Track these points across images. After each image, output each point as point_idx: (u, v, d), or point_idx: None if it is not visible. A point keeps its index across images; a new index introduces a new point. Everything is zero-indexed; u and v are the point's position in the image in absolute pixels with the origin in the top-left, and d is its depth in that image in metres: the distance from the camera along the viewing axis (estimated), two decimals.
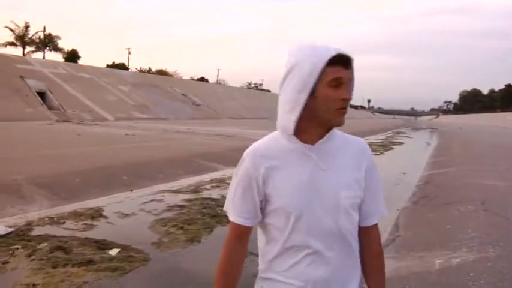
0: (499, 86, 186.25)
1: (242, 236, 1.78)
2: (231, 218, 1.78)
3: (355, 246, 1.79)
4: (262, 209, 1.75)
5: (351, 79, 1.68)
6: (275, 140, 1.75)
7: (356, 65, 1.67)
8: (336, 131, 1.77)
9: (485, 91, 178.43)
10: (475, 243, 6.31)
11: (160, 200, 9.23)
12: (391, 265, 5.85)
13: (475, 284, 4.86)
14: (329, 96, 1.64)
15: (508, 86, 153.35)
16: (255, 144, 1.77)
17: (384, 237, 7.26)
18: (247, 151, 1.76)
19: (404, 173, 15.32)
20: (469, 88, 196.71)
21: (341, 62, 1.63)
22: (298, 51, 1.67)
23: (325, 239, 1.69)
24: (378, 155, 22.55)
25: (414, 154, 24.29)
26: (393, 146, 29.12)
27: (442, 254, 5.97)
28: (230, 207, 1.78)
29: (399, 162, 19.34)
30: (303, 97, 1.63)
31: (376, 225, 1.86)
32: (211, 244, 6.55)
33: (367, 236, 1.83)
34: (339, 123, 1.69)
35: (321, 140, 1.70)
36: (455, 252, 6.00)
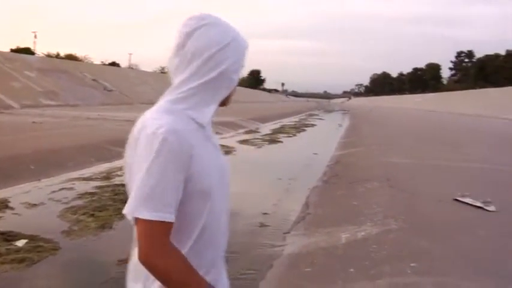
0: (407, 69, 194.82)
1: (169, 235, 1.45)
2: (155, 218, 1.39)
3: None
4: None
5: None
6: (179, 117, 1.49)
7: (270, 49, 1.63)
8: None
9: (394, 74, 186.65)
10: (379, 218, 6.64)
11: (71, 188, 8.99)
12: (300, 242, 6.08)
13: (377, 254, 5.15)
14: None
15: (415, 69, 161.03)
16: (168, 122, 1.45)
17: (294, 215, 7.52)
18: (166, 129, 1.41)
19: (316, 154, 15.75)
20: (379, 71, 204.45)
21: None
22: (228, 27, 1.55)
23: (226, 220, 1.65)
24: (290, 137, 23.04)
25: (326, 135, 25.05)
26: (306, 128, 29.86)
27: (348, 229, 6.25)
28: (149, 204, 1.39)
29: (311, 144, 19.87)
30: (236, 79, 1.56)
31: None
32: (123, 230, 6.48)
33: None
34: (226, 106, 1.67)
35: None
36: (360, 226, 6.30)
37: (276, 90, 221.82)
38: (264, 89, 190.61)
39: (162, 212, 1.38)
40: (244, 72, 1.66)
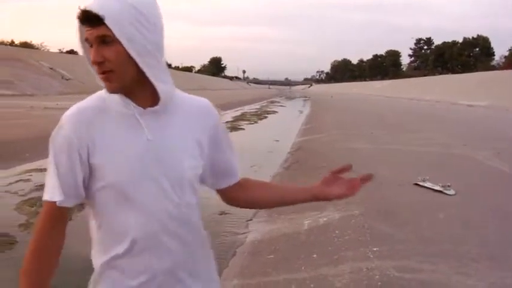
0: (367, 56, 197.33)
1: (58, 219, 1.47)
2: (45, 198, 1.44)
3: (199, 222, 1.58)
4: (87, 188, 1.46)
5: (101, 38, 1.36)
6: (103, 101, 1.47)
7: (231, 36, 1.43)
8: (178, 93, 1.53)
9: (355, 61, 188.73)
10: (341, 203, 6.66)
11: (28, 180, 8.75)
12: (263, 229, 6.07)
13: (340, 240, 5.17)
14: (88, 60, 1.45)
15: (375, 56, 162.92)
16: (77, 106, 1.47)
17: None
18: (66, 114, 1.44)
19: (277, 141, 15.80)
20: (340, 58, 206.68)
21: (87, 20, 1.35)
22: None
23: (165, 221, 1.46)
24: (252, 124, 23.03)
25: (287, 122, 25.14)
26: (267, 115, 29.91)
27: (310, 215, 6.26)
28: (46, 187, 1.44)
29: (273, 131, 19.92)
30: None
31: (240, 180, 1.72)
32: (81, 222, 6.34)
33: (238, 187, 1.71)
34: (107, 91, 1.43)
35: (157, 105, 1.45)
36: (322, 212, 6.32)
37: (237, 78, 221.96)
38: (225, 77, 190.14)
39: (53, 194, 1.41)
40: (205, 60, 1.51)
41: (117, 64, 1.37)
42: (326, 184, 1.67)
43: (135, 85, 1.42)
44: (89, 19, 1.34)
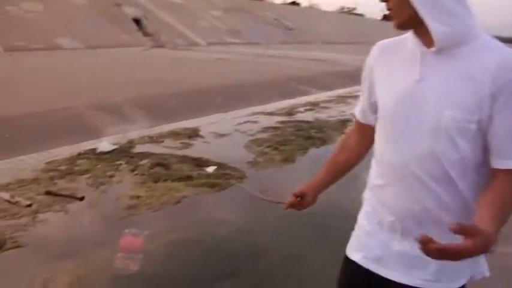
0: None
1: (358, 130, 1.78)
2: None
3: (461, 184, 1.40)
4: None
5: None
6: (404, 39, 1.50)
7: None
8: (483, 39, 1.36)
9: None
10: None
11: (255, 122, 9.26)
12: None
13: None
14: None
15: None
16: (382, 41, 1.62)
17: None
18: (377, 43, 1.62)
19: None
20: None
21: None
22: None
23: (415, 163, 1.41)
24: None
25: None
26: None
27: None
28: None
29: None
30: None
31: (506, 171, 1.35)
32: (304, 164, 6.53)
33: (493, 180, 1.37)
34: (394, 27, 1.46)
35: (439, 46, 1.35)
36: None
37: None
38: None
39: (356, 108, 1.75)
40: None
41: (394, 3, 1.40)
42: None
43: (418, 25, 1.37)
44: None
